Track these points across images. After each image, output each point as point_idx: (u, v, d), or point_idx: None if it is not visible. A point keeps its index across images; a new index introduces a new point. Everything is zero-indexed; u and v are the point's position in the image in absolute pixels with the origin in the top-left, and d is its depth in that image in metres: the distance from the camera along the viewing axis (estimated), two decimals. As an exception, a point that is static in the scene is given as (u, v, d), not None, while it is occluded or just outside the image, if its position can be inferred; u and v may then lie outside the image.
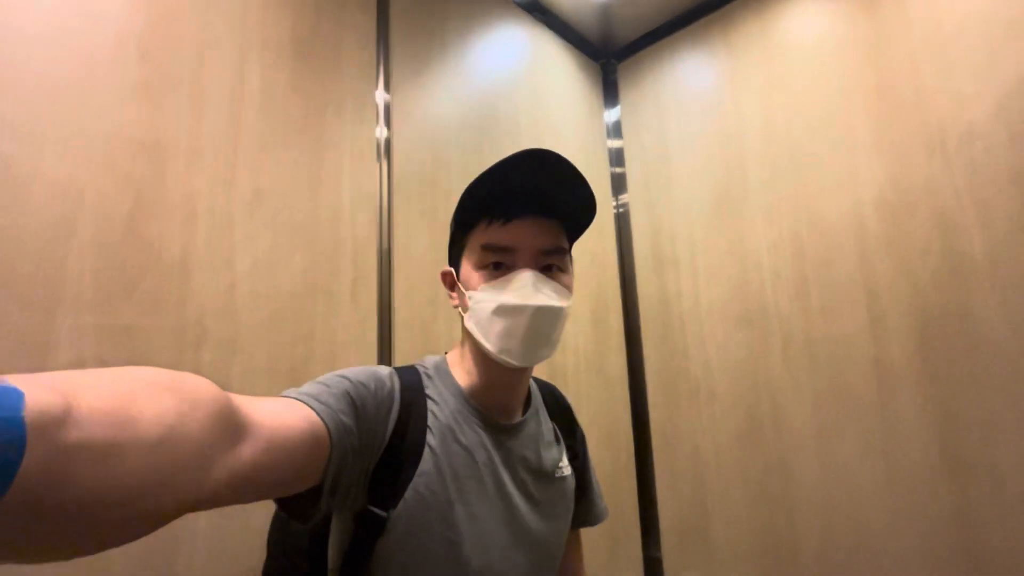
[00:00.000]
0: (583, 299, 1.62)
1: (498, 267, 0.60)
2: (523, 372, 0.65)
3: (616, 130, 1.92)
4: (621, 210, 1.87)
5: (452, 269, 0.65)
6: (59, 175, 0.72)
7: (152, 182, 0.80)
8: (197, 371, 0.79)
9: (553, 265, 0.63)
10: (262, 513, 0.67)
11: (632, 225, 1.84)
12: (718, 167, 1.63)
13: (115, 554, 0.66)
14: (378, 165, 1.14)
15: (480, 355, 0.62)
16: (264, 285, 0.90)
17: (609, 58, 1.93)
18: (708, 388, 1.59)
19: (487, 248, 0.60)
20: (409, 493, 0.54)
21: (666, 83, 1.80)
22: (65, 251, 0.71)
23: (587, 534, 1.44)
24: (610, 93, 1.94)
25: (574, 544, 0.78)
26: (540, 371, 1.40)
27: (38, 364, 0.67)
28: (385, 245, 1.11)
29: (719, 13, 1.67)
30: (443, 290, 0.68)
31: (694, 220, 1.67)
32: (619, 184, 1.89)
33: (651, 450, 1.70)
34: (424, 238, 1.18)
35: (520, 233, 0.60)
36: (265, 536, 0.66)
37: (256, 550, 0.68)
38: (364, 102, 1.14)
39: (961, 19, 1.22)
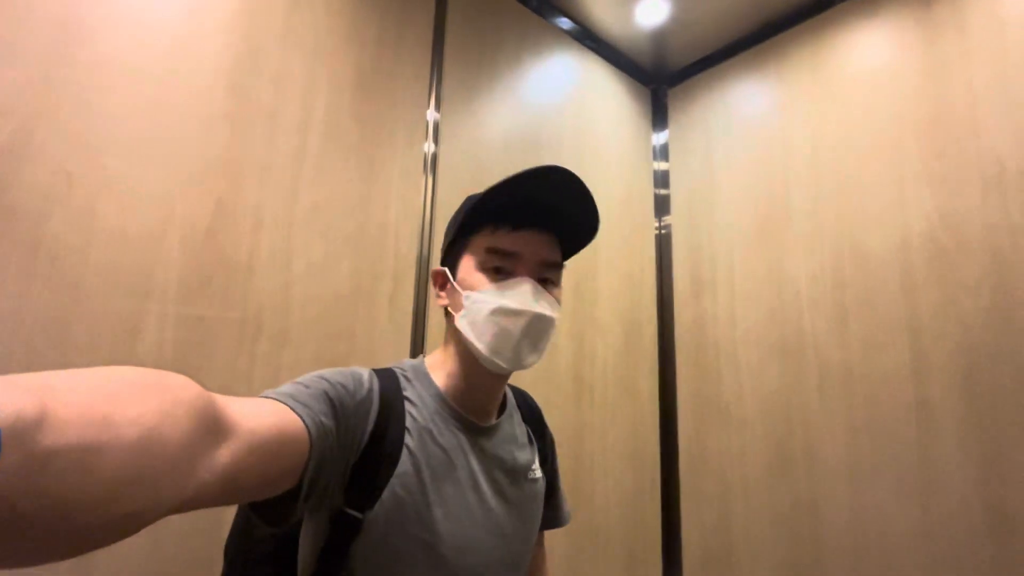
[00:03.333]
0: (614, 317, 1.65)
1: (499, 271, 0.61)
2: (505, 377, 0.65)
3: (663, 152, 1.94)
4: (663, 231, 1.89)
5: (445, 269, 0.66)
6: (156, 188, 0.87)
7: (229, 195, 0.94)
8: (252, 360, 0.92)
9: (549, 279, 0.64)
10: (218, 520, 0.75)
11: (673, 247, 1.85)
12: (762, 193, 1.62)
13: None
14: (424, 179, 1.25)
15: (465, 357, 0.63)
16: (315, 287, 1.02)
17: (660, 83, 1.96)
18: (739, 415, 1.57)
19: (492, 251, 0.61)
20: (386, 494, 0.55)
21: (716, 108, 1.81)
22: (157, 251, 0.86)
23: (606, 551, 1.46)
24: (659, 117, 1.97)
25: (539, 545, 0.78)
26: (566, 383, 1.46)
27: (128, 343, 0.81)
28: (426, 255, 1.21)
29: (773, 41, 1.67)
30: None
31: (734, 244, 1.67)
32: (663, 206, 1.91)
33: (678, 473, 1.69)
34: (462, 251, 1.27)
35: (526, 242, 0.61)
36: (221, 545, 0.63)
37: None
38: (415, 123, 1.26)
39: (1027, 51, 1.16)
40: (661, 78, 1.96)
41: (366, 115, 1.16)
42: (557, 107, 1.62)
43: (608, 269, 1.66)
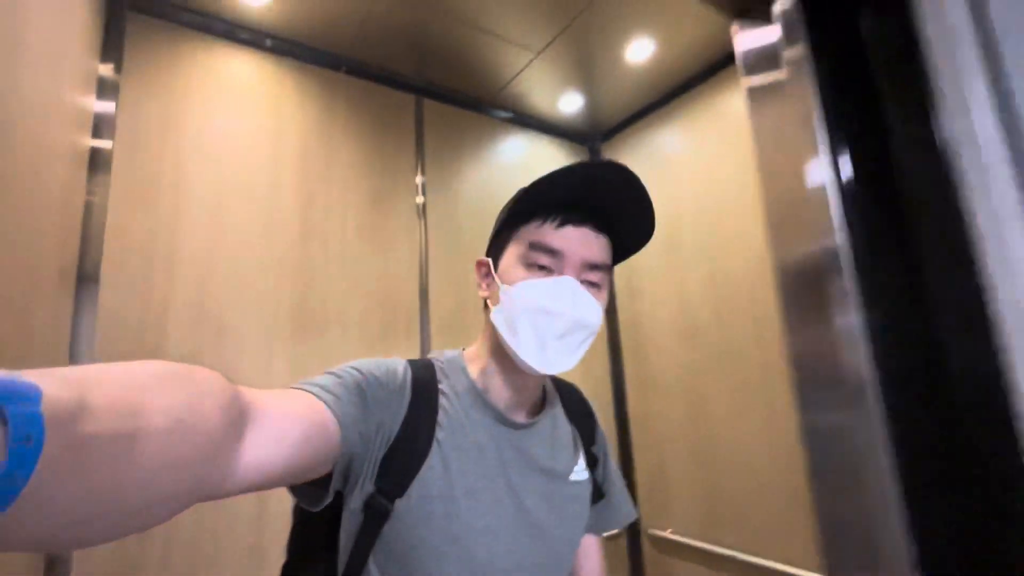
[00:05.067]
0: (571, 322, 2.28)
1: (542, 268, 0.59)
2: (539, 375, 0.62)
3: (603, 190, 2.55)
4: (607, 252, 2.49)
5: (489, 260, 0.64)
6: (268, 284, 1.55)
7: (309, 281, 1.62)
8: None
9: (593, 282, 0.61)
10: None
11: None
12: (668, 219, 2.22)
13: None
14: (418, 252, 1.90)
15: (498, 352, 0.61)
16: (361, 331, 1.69)
17: (594, 141, 2.57)
18: (663, 385, 2.18)
19: (535, 247, 0.59)
20: (414, 487, 0.55)
21: (639, 153, 2.41)
22: (274, 314, 1.53)
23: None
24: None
25: (593, 549, 0.75)
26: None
27: (264, 371, 1.48)
28: (424, 285, 1.86)
29: (669, 106, 2.26)
30: (473, 311, 0.83)
31: (652, 258, 2.27)
32: (606, 232, 2.51)
33: (630, 434, 2.31)
34: (449, 284, 1.92)
35: (571, 239, 0.58)
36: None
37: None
38: (410, 214, 1.90)
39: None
40: (595, 137, 2.56)
41: (382, 204, 1.81)
42: (511, 169, 2.24)
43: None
